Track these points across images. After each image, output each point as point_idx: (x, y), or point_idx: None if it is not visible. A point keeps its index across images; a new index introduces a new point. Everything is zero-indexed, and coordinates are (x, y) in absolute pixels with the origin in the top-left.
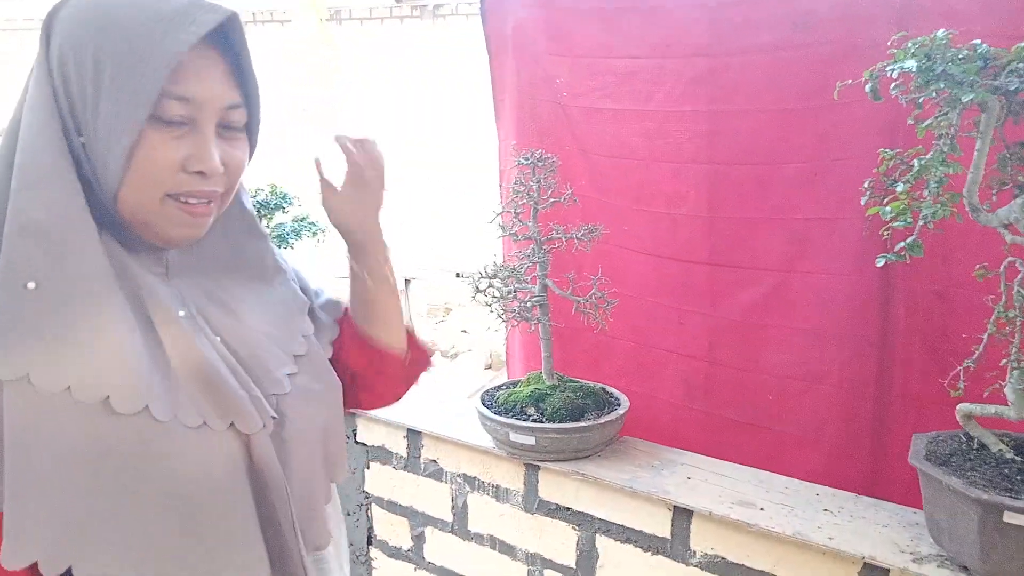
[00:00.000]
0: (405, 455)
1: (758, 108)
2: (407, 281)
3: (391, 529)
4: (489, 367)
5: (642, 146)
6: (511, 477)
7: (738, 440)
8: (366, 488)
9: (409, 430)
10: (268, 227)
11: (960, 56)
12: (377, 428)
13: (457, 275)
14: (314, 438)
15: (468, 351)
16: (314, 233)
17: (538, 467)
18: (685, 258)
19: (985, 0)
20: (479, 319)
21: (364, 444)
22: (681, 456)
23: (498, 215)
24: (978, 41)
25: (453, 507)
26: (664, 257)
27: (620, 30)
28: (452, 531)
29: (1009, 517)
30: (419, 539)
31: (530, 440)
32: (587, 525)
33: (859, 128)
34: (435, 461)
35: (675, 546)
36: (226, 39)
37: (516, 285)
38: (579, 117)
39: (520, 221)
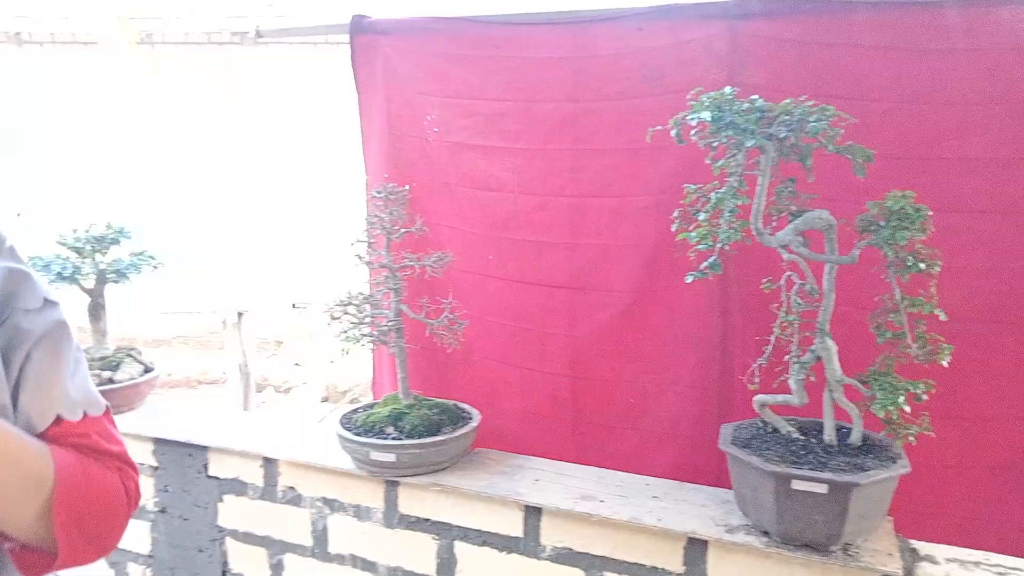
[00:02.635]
0: (261, 484)
1: (614, 148)
2: (239, 315)
3: (248, 561)
4: (326, 399)
5: (511, 180)
6: (371, 495)
7: (605, 442)
8: (219, 522)
9: (265, 459)
10: (104, 262)
11: (743, 108)
12: (230, 460)
13: (293, 306)
14: None
15: (303, 384)
16: (155, 267)
17: (398, 483)
18: (548, 283)
19: (800, 67)
20: (313, 352)
21: (216, 478)
22: (529, 461)
23: (356, 244)
24: (755, 96)
25: (313, 531)
26: (529, 283)
27: (490, 75)
28: (312, 555)
29: (796, 484)
30: (277, 567)
31: (390, 457)
32: (446, 533)
33: (697, 164)
34: (293, 487)
35: (527, 543)
36: None
37: (373, 311)
38: (449, 153)
39: (374, 250)
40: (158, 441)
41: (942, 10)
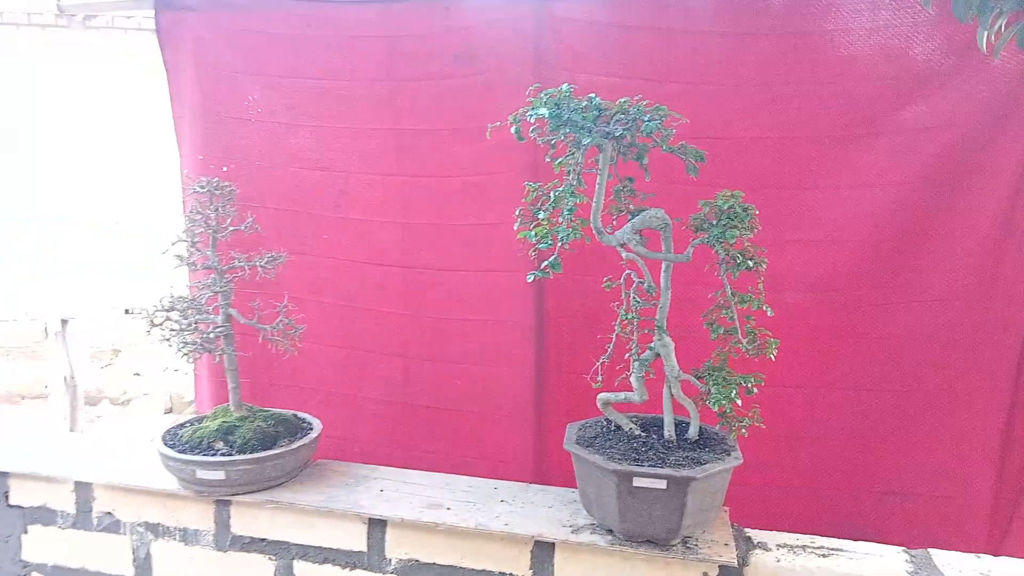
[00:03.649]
0: (73, 512)
1: (433, 128)
2: (64, 322)
3: None
4: (170, 411)
5: (340, 160)
6: (200, 517)
7: (435, 426)
8: (24, 556)
9: (77, 483)
10: None
11: (581, 106)
12: (35, 486)
13: (126, 311)
14: None
15: (144, 395)
16: None
17: (230, 502)
18: (381, 262)
19: (602, 49)
20: (155, 360)
21: (19, 507)
22: (375, 471)
23: (174, 244)
24: (593, 95)
25: (135, 560)
26: (362, 262)
27: (307, 54)
28: None
29: (637, 481)
30: None
31: (219, 475)
32: (284, 553)
33: (515, 145)
34: (110, 513)
35: (372, 558)
36: None
37: (197, 316)
38: (274, 133)
39: (199, 250)
40: None
41: None
